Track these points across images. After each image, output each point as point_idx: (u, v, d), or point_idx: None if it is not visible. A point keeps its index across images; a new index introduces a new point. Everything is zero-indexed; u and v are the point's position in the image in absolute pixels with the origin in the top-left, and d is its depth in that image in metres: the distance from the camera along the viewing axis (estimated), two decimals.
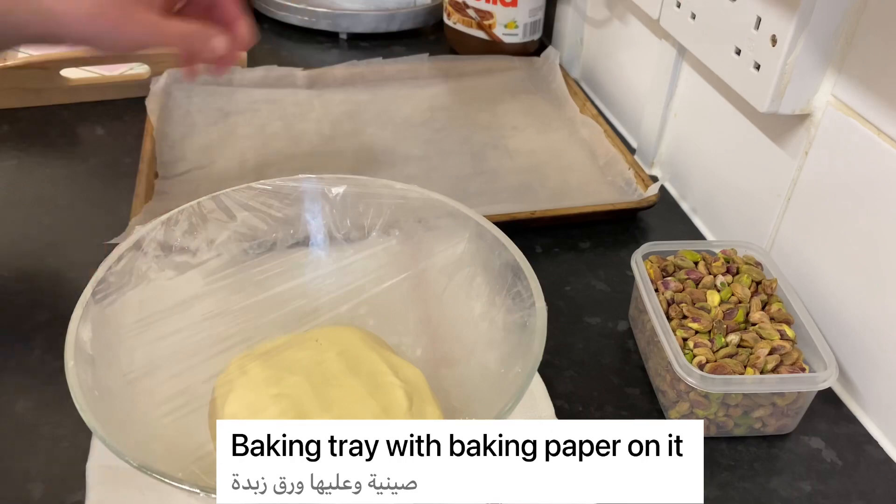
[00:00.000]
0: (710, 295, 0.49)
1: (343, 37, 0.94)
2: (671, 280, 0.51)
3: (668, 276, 0.52)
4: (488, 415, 0.37)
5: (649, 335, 0.51)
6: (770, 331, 0.47)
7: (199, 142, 0.70)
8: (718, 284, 0.50)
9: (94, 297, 0.40)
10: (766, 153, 0.57)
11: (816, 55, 0.49)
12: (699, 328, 0.48)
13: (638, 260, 0.52)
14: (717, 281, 0.51)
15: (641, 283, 0.50)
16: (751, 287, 0.50)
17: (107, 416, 0.36)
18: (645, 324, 0.52)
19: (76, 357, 0.37)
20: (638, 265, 0.52)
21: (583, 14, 0.87)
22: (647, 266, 0.52)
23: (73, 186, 0.66)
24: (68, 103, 0.77)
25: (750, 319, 0.49)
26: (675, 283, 0.51)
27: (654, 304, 0.49)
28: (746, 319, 0.49)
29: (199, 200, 0.47)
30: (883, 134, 0.46)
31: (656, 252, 0.54)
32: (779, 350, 0.46)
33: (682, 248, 0.54)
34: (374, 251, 0.50)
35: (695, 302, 0.49)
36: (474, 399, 0.43)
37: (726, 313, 0.48)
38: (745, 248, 0.54)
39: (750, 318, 0.49)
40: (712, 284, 0.51)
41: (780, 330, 0.47)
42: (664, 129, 0.72)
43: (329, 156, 0.70)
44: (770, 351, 0.46)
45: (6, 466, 0.44)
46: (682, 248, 0.54)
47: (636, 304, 0.54)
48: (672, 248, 0.54)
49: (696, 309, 0.48)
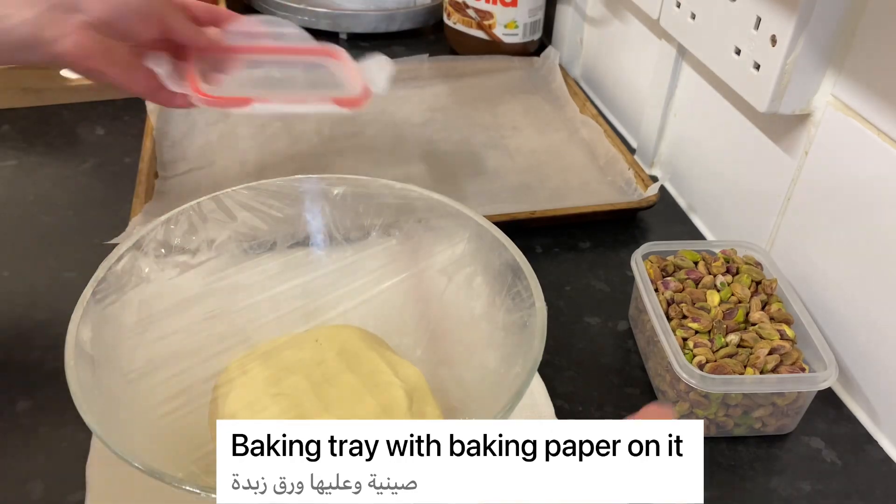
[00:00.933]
0: (710, 295, 0.49)
1: (343, 37, 0.94)
2: (671, 280, 0.51)
3: (668, 275, 0.52)
4: (488, 415, 0.37)
5: (649, 335, 0.51)
6: (770, 331, 0.47)
7: (199, 142, 0.70)
8: (718, 284, 0.51)
9: (94, 296, 0.40)
10: (766, 153, 0.57)
11: (816, 55, 0.49)
12: (699, 328, 0.48)
13: (638, 260, 0.52)
14: (717, 281, 0.51)
15: (641, 283, 0.50)
16: (750, 287, 0.50)
17: (107, 416, 0.36)
18: (645, 324, 0.52)
19: (76, 357, 0.37)
20: (638, 265, 0.52)
21: (583, 14, 0.87)
22: (647, 266, 0.52)
23: (73, 186, 0.66)
24: (68, 103, 0.77)
25: (750, 319, 0.49)
26: (674, 283, 0.51)
27: (653, 304, 0.49)
28: (746, 319, 0.49)
29: (199, 200, 0.47)
30: (883, 134, 0.46)
31: (656, 252, 0.54)
32: (779, 350, 0.46)
33: (682, 248, 0.54)
34: (374, 251, 0.50)
35: (694, 302, 0.49)
36: (474, 399, 0.43)
37: (726, 313, 0.48)
38: (745, 248, 0.54)
39: (750, 318, 0.49)
40: (712, 284, 0.51)
41: (779, 330, 0.47)
42: (664, 129, 0.72)
43: (329, 156, 0.70)
44: (770, 351, 0.46)
45: (6, 466, 0.44)
46: (682, 248, 0.54)
47: (636, 304, 0.54)
48: (672, 248, 0.54)
49: (695, 309, 0.49)
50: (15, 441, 0.45)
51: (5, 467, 0.44)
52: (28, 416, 0.47)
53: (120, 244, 0.43)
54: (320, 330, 0.47)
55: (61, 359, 0.37)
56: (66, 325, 0.38)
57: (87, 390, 0.36)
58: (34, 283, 0.56)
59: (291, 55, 0.57)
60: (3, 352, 0.51)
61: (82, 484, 0.42)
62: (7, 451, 0.45)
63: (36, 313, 0.54)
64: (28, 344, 0.51)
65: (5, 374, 0.49)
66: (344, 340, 0.46)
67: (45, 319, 0.53)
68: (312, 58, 0.57)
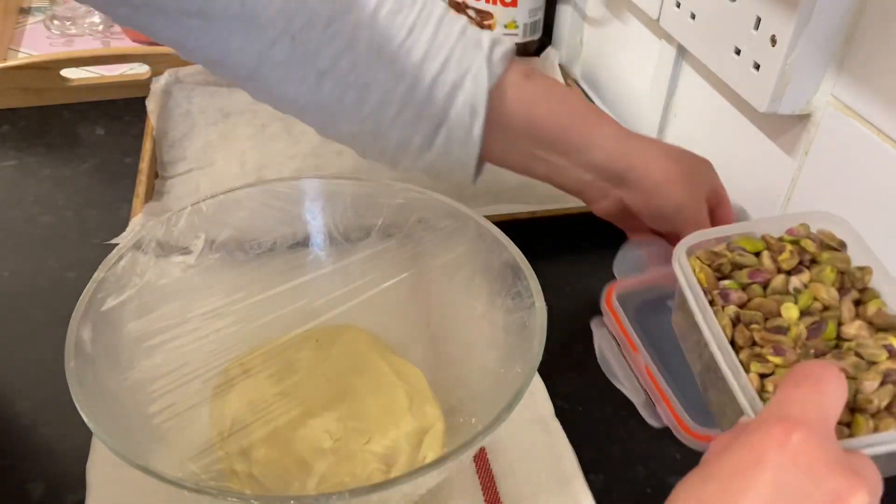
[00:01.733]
0: (786, 309, 0.37)
1: None
2: (731, 290, 0.38)
3: (725, 277, 0.40)
4: (488, 414, 0.37)
5: (708, 362, 0.39)
6: (874, 349, 0.35)
7: (199, 142, 0.70)
8: (793, 289, 0.38)
9: (94, 296, 0.40)
10: (766, 153, 0.57)
11: (816, 55, 0.49)
12: (780, 362, 0.35)
13: (682, 259, 0.40)
14: (791, 284, 0.38)
15: (692, 298, 0.38)
16: (835, 283, 0.38)
17: (107, 416, 0.36)
18: (703, 347, 0.39)
19: (76, 357, 0.37)
20: (683, 268, 0.39)
21: (583, 14, 0.87)
22: (696, 267, 0.39)
23: (73, 186, 0.66)
24: (68, 103, 0.77)
25: (842, 334, 0.37)
26: (736, 294, 0.38)
27: (713, 330, 0.37)
28: (838, 335, 0.37)
29: (199, 200, 0.47)
30: (883, 134, 0.46)
31: (703, 244, 0.41)
32: (891, 377, 0.34)
33: (734, 232, 0.41)
34: (375, 251, 0.50)
35: (767, 318, 0.37)
36: (474, 399, 0.43)
37: (811, 330, 0.36)
38: (819, 220, 0.41)
39: (842, 333, 0.37)
40: (784, 288, 0.38)
41: (886, 345, 0.35)
42: (664, 129, 0.72)
43: (329, 156, 0.70)
44: (881, 381, 0.34)
45: (6, 466, 0.44)
46: (734, 232, 0.41)
47: (684, 312, 0.41)
48: (724, 234, 0.42)
49: (771, 333, 0.36)
50: (15, 441, 0.45)
51: (5, 467, 0.44)
52: (28, 416, 0.47)
53: (120, 244, 0.43)
54: (321, 329, 0.47)
55: (61, 359, 0.37)
56: (66, 326, 0.38)
57: (87, 390, 0.36)
58: (34, 283, 0.56)
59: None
60: (3, 352, 0.51)
61: (82, 484, 0.42)
62: (7, 451, 0.45)
63: (36, 313, 0.53)
64: (28, 344, 0.51)
65: (5, 374, 0.49)
66: (345, 341, 0.46)
67: (45, 319, 0.53)
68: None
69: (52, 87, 0.76)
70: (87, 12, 0.91)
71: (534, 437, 0.46)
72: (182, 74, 0.77)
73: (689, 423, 0.43)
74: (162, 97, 0.74)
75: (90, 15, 0.91)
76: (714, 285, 0.39)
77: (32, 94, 0.75)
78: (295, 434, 0.42)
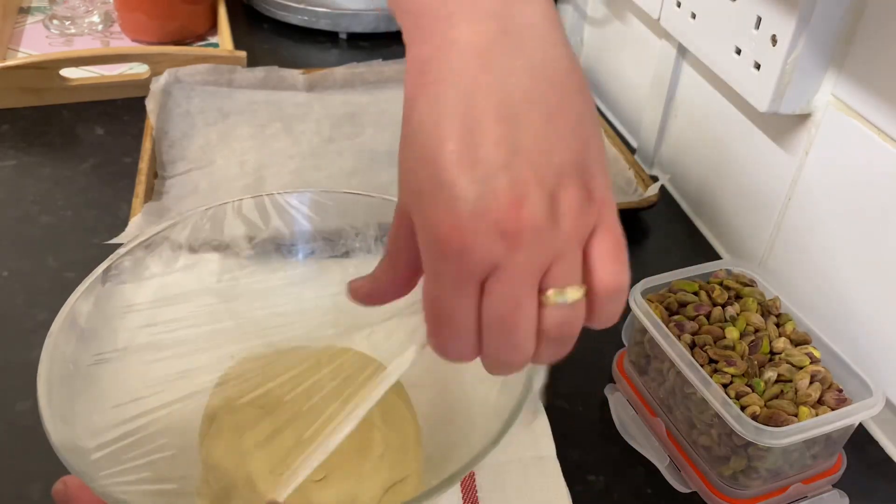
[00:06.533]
0: (728, 331, 0.45)
1: (343, 36, 0.94)
2: (685, 321, 0.46)
3: (674, 313, 0.47)
4: (489, 414, 0.37)
5: (673, 386, 0.46)
6: (799, 357, 0.44)
7: (199, 142, 0.70)
8: (729, 317, 0.46)
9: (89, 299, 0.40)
10: (766, 153, 0.57)
11: (816, 55, 0.49)
12: (735, 371, 0.43)
13: (638, 300, 0.46)
14: (727, 313, 0.46)
15: (654, 329, 0.44)
16: (757, 310, 0.47)
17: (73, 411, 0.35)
18: (664, 374, 0.46)
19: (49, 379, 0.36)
20: (639, 307, 0.46)
21: (583, 14, 0.87)
22: (651, 307, 0.46)
23: (73, 186, 0.66)
24: (68, 103, 0.77)
25: (773, 348, 0.45)
26: (690, 324, 0.46)
27: (678, 353, 0.43)
28: (771, 349, 0.45)
29: (202, 208, 0.46)
30: (883, 134, 0.46)
31: (650, 289, 0.48)
32: (816, 377, 0.43)
33: (673, 279, 0.49)
34: (376, 261, 0.49)
35: (716, 341, 0.45)
36: (475, 400, 0.43)
37: (750, 346, 0.44)
38: (732, 266, 0.50)
39: (773, 347, 0.45)
40: (722, 317, 0.46)
41: (808, 353, 0.44)
42: (664, 129, 0.72)
43: (328, 157, 0.70)
44: (810, 380, 0.43)
45: (6, 466, 0.44)
46: (673, 279, 0.49)
47: (640, 351, 0.48)
48: (664, 281, 0.49)
49: (722, 350, 0.44)
50: (15, 441, 0.45)
51: (5, 468, 0.44)
52: (28, 416, 0.47)
53: (120, 245, 0.43)
54: (321, 352, 0.46)
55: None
56: None
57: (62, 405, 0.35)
58: (34, 283, 0.56)
59: None
60: (3, 352, 0.51)
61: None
62: (7, 451, 0.45)
63: (36, 313, 0.53)
64: (28, 344, 0.51)
65: (5, 374, 0.49)
66: (341, 364, 0.44)
67: (46, 319, 0.53)
68: None
69: (52, 87, 0.75)
70: (86, 12, 0.91)
71: (531, 478, 0.45)
72: (181, 74, 0.77)
73: (720, 486, 0.44)
74: (161, 97, 0.74)
75: (90, 15, 0.91)
76: (667, 319, 0.46)
77: (32, 94, 0.75)
78: (255, 453, 0.39)
